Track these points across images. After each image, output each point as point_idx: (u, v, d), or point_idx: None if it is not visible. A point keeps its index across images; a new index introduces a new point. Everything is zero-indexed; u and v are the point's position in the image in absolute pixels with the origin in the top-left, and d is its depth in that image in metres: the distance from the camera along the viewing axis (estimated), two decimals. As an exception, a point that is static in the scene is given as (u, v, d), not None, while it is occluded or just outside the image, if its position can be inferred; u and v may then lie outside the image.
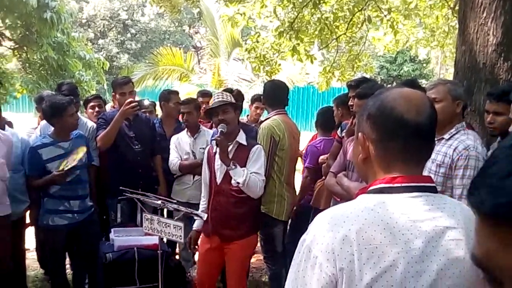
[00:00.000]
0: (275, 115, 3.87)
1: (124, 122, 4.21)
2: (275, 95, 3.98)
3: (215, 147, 3.26)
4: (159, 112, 5.58)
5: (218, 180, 3.31)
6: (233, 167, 3.18)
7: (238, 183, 3.19)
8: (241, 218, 3.33)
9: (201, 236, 3.56)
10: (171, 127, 4.66)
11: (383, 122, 1.21)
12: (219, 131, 3.22)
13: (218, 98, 3.35)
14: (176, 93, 4.97)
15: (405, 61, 21.52)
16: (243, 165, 3.27)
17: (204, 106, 4.82)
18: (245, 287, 3.59)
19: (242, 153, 3.30)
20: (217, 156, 3.29)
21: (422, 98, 1.23)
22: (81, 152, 3.72)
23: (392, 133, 1.21)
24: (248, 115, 6.19)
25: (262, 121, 4.51)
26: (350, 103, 3.41)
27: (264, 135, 3.72)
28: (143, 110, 4.59)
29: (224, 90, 4.08)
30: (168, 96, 4.70)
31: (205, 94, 5.49)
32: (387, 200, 1.16)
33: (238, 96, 4.47)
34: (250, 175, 3.21)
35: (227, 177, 3.27)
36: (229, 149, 3.29)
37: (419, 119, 1.19)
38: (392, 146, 1.21)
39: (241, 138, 3.34)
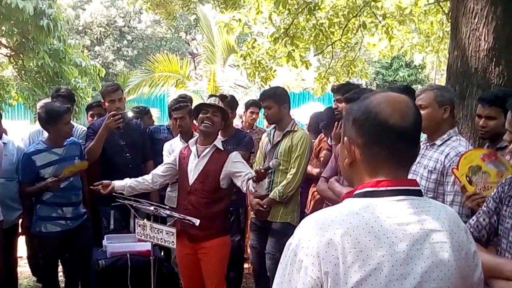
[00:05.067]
0: (295, 124, 3.92)
1: (114, 130, 4.20)
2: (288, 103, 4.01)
3: (192, 147, 3.45)
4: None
5: (191, 180, 3.38)
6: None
7: (259, 193, 3.37)
8: (211, 219, 3.36)
9: (176, 241, 3.58)
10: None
11: (368, 127, 1.22)
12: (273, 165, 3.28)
13: (214, 102, 3.48)
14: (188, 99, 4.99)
15: (401, 66, 21.60)
16: (220, 167, 3.37)
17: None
18: None
19: (219, 157, 3.40)
20: (191, 156, 3.43)
21: (406, 103, 1.24)
22: (81, 166, 3.81)
23: (377, 138, 1.21)
24: (242, 121, 6.19)
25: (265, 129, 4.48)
26: (334, 106, 3.43)
27: (307, 145, 3.77)
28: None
29: (219, 96, 4.10)
30: None
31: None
32: (372, 204, 1.17)
33: (232, 102, 4.47)
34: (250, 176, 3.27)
35: (200, 177, 3.37)
36: (206, 151, 3.41)
37: (403, 124, 1.19)
38: (377, 151, 1.21)
39: (218, 143, 3.47)
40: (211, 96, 3.67)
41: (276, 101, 3.85)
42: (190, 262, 3.47)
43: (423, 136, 2.82)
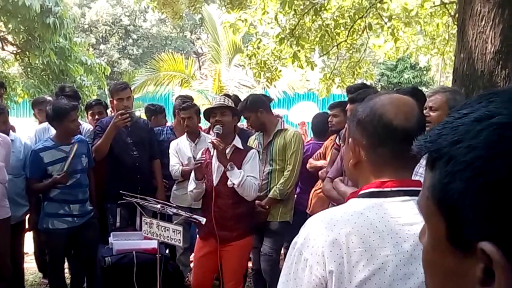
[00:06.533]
0: (283, 123, 4.00)
1: (122, 128, 4.22)
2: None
3: (212, 149, 3.34)
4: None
5: (215, 182, 3.38)
6: (230, 168, 3.27)
7: (233, 184, 3.25)
8: (238, 219, 3.38)
9: (197, 241, 3.58)
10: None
11: (372, 128, 1.23)
12: (215, 133, 3.31)
13: (219, 101, 3.46)
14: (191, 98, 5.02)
15: (406, 68, 21.53)
16: (240, 167, 3.36)
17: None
18: None
19: (239, 156, 3.39)
20: (213, 159, 3.39)
21: (410, 104, 1.26)
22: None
23: (382, 139, 1.23)
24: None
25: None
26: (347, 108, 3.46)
27: (300, 142, 3.84)
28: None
29: (224, 95, 4.14)
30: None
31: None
32: (377, 204, 1.18)
33: (236, 102, 4.50)
34: (246, 177, 3.28)
35: (223, 179, 3.35)
36: (226, 152, 3.37)
37: (407, 125, 1.21)
38: (382, 152, 1.23)
39: (238, 142, 3.44)
40: (218, 96, 3.69)
41: (250, 110, 3.92)
42: (208, 261, 3.47)
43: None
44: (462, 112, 0.59)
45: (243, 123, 6.06)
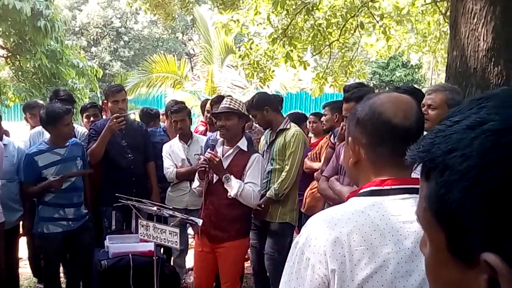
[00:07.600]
0: (289, 122, 3.98)
1: (117, 131, 4.18)
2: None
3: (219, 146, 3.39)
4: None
5: (214, 180, 3.37)
6: (226, 180, 3.27)
7: (231, 195, 3.27)
8: (232, 220, 3.37)
9: (195, 238, 3.58)
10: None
11: (372, 127, 1.24)
12: (210, 146, 3.37)
13: (225, 104, 3.41)
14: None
15: (397, 66, 21.65)
16: (241, 170, 3.34)
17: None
18: None
19: (242, 158, 3.37)
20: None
21: (409, 103, 1.27)
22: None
23: (381, 138, 1.23)
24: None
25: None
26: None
27: (299, 142, 3.81)
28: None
29: (216, 97, 4.11)
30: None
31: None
32: (377, 202, 1.19)
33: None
34: (245, 186, 3.28)
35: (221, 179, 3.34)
36: (229, 153, 3.38)
37: (407, 124, 1.22)
38: (382, 150, 1.24)
39: (243, 144, 3.41)
40: (225, 98, 3.64)
41: (257, 109, 3.94)
42: (206, 260, 3.48)
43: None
44: (454, 119, 0.58)
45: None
